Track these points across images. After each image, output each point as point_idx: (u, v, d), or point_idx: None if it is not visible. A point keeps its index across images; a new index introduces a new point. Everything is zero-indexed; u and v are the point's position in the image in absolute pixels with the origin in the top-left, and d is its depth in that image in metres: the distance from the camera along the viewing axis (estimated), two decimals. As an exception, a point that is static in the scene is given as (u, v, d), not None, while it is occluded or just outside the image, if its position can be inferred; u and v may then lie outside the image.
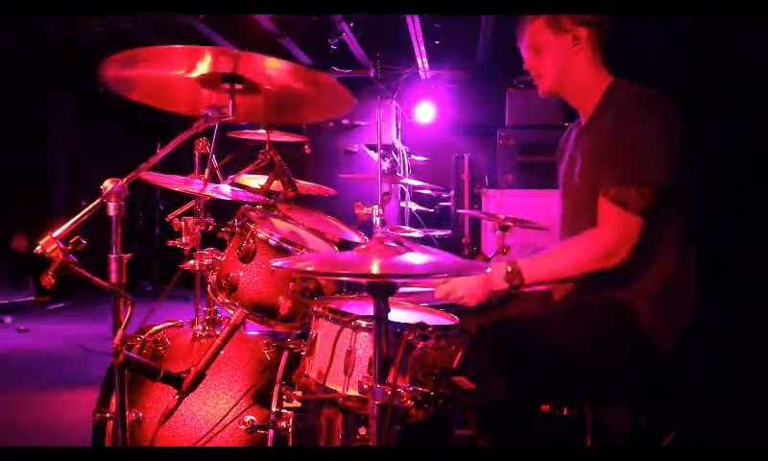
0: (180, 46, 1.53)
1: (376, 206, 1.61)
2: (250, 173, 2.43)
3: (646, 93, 1.80)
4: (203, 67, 1.65)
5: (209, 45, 1.55)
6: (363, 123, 6.05)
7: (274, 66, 1.65)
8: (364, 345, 1.55)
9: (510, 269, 1.77)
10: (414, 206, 4.55)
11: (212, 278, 2.11)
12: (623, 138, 1.74)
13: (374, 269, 1.28)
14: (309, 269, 1.47)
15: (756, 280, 2.98)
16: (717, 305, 2.23)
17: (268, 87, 1.74)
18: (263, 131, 2.53)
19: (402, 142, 6.33)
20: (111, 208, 1.42)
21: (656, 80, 1.83)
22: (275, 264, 1.37)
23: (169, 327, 2.15)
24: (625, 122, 1.75)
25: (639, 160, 1.72)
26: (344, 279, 1.90)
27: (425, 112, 6.81)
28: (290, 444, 1.86)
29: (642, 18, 3.49)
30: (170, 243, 2.25)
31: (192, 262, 2.17)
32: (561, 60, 1.90)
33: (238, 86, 1.68)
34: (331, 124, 6.15)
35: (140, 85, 1.79)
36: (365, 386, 1.41)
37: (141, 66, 1.67)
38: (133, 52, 1.55)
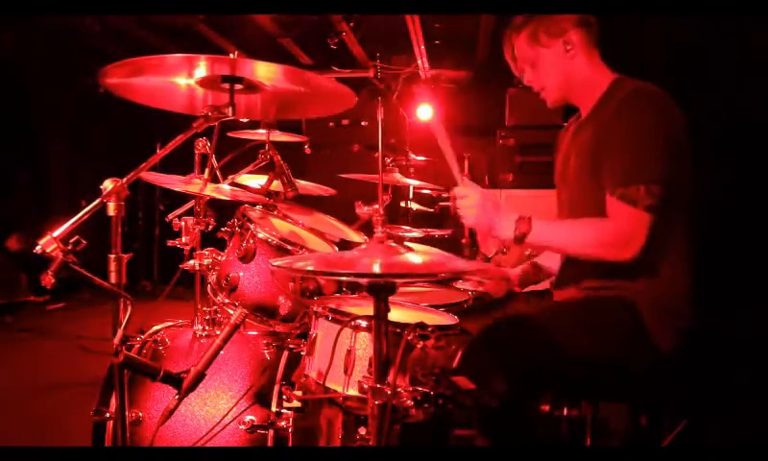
0: (179, 55, 1.55)
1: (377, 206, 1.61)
2: (250, 173, 2.43)
3: (648, 88, 1.76)
4: (201, 71, 1.66)
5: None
6: (363, 123, 6.04)
7: (266, 73, 1.67)
8: (364, 345, 1.55)
9: (519, 217, 1.69)
10: (414, 206, 4.56)
11: (212, 278, 2.11)
12: (627, 133, 1.70)
13: (375, 269, 1.28)
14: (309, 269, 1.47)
15: (757, 281, 2.98)
16: (717, 306, 2.23)
17: (268, 86, 1.74)
18: (263, 131, 2.53)
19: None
20: (111, 208, 1.42)
21: (657, 79, 1.81)
22: (274, 264, 1.37)
23: (169, 327, 2.15)
24: (628, 116, 1.71)
25: (646, 156, 1.68)
26: (343, 278, 1.90)
27: (425, 112, 6.79)
28: (290, 444, 1.86)
29: (642, 18, 3.49)
30: (170, 243, 2.25)
31: (192, 262, 2.17)
32: (558, 69, 1.86)
33: (238, 86, 1.68)
34: (331, 124, 6.14)
35: (140, 89, 1.79)
36: (365, 386, 1.41)
37: (141, 74, 1.68)
38: (133, 61, 1.56)
